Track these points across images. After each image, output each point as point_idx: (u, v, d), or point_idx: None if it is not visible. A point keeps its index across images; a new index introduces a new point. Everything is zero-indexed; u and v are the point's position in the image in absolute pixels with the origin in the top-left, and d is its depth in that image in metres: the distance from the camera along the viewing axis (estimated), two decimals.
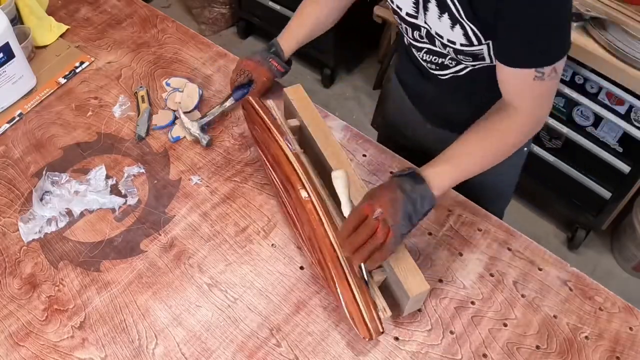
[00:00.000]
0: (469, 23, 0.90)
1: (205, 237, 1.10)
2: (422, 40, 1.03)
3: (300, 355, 0.96)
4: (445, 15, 0.91)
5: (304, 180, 1.04)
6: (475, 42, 0.93)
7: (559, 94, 1.81)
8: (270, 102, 1.20)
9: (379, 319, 0.93)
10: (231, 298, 1.03)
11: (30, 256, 1.08)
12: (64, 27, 1.46)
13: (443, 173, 0.93)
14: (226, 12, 2.86)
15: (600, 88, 1.71)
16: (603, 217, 2.01)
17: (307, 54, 2.62)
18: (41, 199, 1.14)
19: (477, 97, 1.09)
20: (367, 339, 0.92)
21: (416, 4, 0.95)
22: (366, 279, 0.96)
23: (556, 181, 2.03)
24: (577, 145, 1.88)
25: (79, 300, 1.02)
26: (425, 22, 0.97)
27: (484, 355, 0.98)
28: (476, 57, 0.98)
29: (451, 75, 1.07)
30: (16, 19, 1.39)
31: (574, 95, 1.77)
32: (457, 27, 0.91)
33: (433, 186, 0.91)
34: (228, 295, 1.03)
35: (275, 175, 1.09)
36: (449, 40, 0.96)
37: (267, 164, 1.11)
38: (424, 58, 1.08)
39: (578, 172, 1.95)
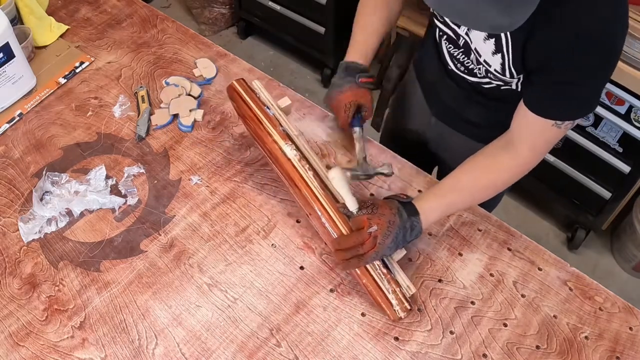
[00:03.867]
0: (512, 67, 0.92)
1: (205, 237, 1.10)
2: (458, 46, 1.03)
3: (300, 355, 0.96)
4: (492, 41, 0.92)
5: (308, 182, 1.02)
6: (508, 75, 0.95)
7: None
8: (256, 84, 1.15)
9: (405, 297, 0.99)
10: (231, 298, 1.03)
11: (30, 256, 1.08)
12: (64, 27, 1.46)
13: (434, 210, 1.00)
14: (226, 12, 2.85)
15: None
16: (603, 217, 2.01)
17: (307, 53, 2.63)
18: (41, 199, 1.14)
19: (493, 108, 1.11)
20: (397, 321, 0.99)
21: None
22: (386, 260, 1.00)
23: (556, 181, 2.03)
24: (577, 145, 1.88)
25: (79, 300, 1.02)
26: (467, 34, 0.97)
27: (484, 355, 0.98)
28: (504, 82, 0.99)
29: (477, 81, 1.07)
30: (16, 19, 1.39)
31: None
32: (499, 56, 0.92)
33: (423, 220, 0.99)
34: (228, 295, 1.03)
35: (278, 170, 1.08)
36: (485, 61, 0.97)
37: (268, 158, 1.11)
38: (458, 57, 1.07)
39: (578, 172, 1.95)
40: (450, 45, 1.06)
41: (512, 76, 0.96)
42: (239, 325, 1.00)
